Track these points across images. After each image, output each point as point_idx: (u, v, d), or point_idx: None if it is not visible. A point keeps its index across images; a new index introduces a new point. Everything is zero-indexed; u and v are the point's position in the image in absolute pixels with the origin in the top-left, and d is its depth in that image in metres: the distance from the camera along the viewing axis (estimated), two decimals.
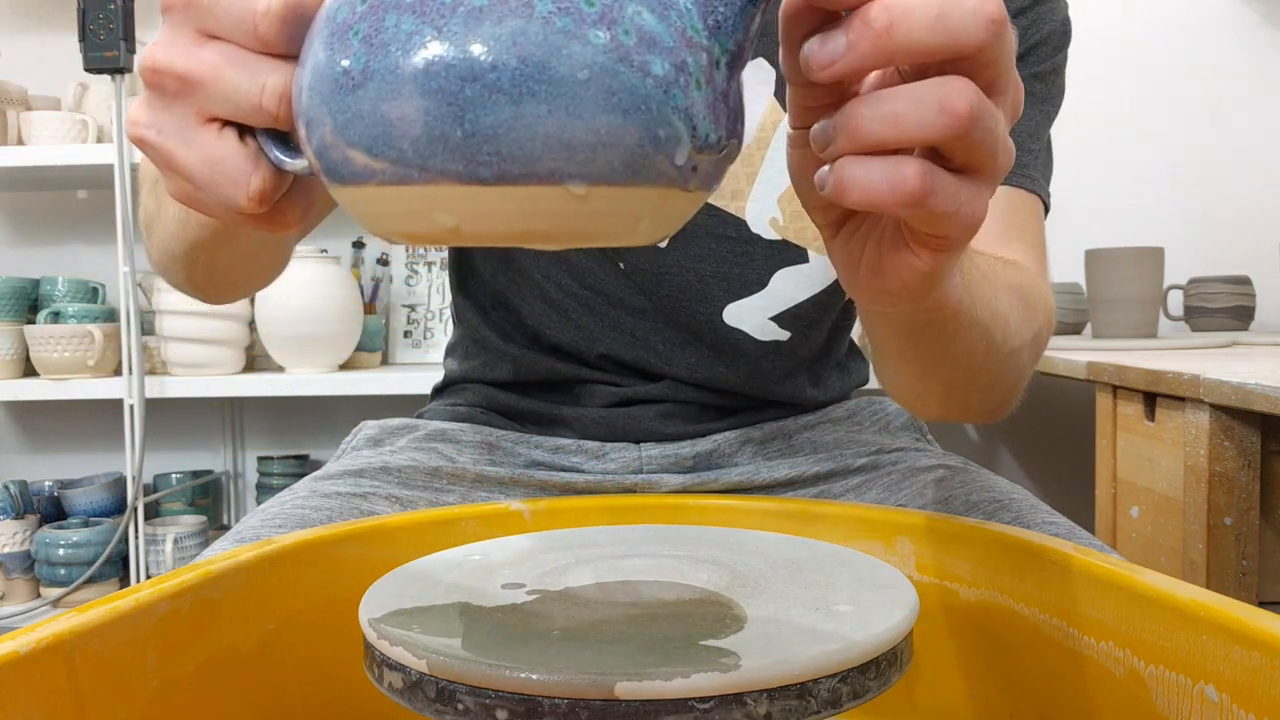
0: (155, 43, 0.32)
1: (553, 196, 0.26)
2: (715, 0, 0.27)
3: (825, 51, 0.29)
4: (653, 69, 0.26)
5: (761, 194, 0.67)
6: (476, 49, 0.25)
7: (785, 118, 0.68)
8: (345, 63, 0.26)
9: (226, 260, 0.56)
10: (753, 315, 0.70)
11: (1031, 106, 0.66)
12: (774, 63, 0.67)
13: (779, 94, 0.67)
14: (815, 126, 0.31)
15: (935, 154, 0.30)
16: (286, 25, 0.30)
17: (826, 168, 0.31)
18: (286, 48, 0.30)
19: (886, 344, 0.50)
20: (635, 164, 0.26)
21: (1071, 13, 0.70)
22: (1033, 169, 0.66)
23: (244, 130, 0.32)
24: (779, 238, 0.68)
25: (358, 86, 0.26)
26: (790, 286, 0.69)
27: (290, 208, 0.33)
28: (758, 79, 0.67)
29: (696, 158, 0.27)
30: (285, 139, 0.31)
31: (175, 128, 0.32)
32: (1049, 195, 0.68)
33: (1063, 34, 0.68)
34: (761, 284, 0.69)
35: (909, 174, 0.29)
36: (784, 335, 0.71)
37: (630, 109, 0.26)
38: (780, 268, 0.69)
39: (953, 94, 0.28)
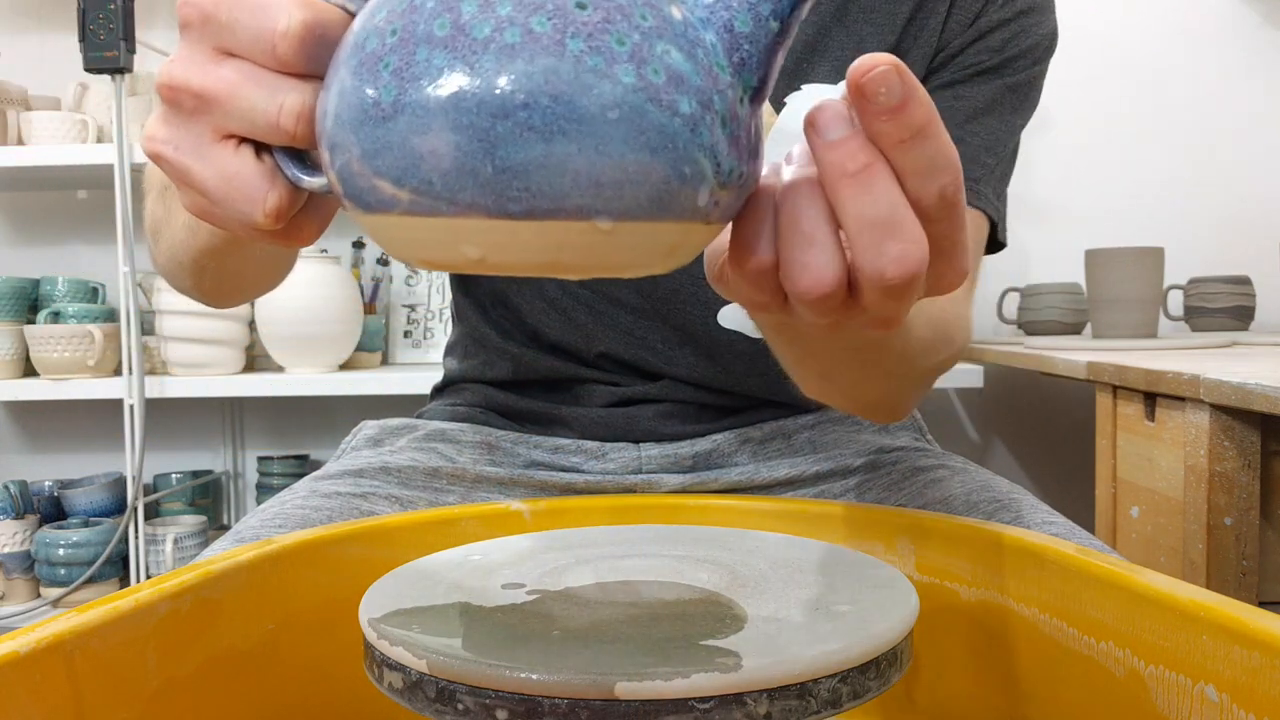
0: (172, 59, 0.32)
1: (579, 231, 0.27)
2: (740, 39, 0.28)
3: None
4: (680, 108, 0.26)
5: None
6: (509, 86, 0.25)
7: (779, 120, 0.68)
8: (374, 94, 0.27)
9: (235, 268, 0.56)
10: (747, 316, 0.70)
11: (997, 119, 0.66)
12: None
13: (772, 98, 0.67)
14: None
15: None
16: (305, 46, 0.30)
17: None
18: (305, 67, 0.30)
19: (784, 354, 0.50)
20: (661, 200, 0.27)
21: (1071, 13, 0.70)
22: (983, 184, 0.65)
23: (261, 148, 0.32)
24: None
25: (387, 119, 0.26)
26: None
27: (307, 223, 0.33)
28: None
29: (719, 193, 0.28)
30: (302, 156, 0.32)
31: (192, 144, 0.32)
32: (999, 209, 0.68)
33: (1046, 48, 0.68)
34: None
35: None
36: None
37: (658, 147, 0.26)
38: None
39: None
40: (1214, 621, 0.34)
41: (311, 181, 0.31)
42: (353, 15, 0.30)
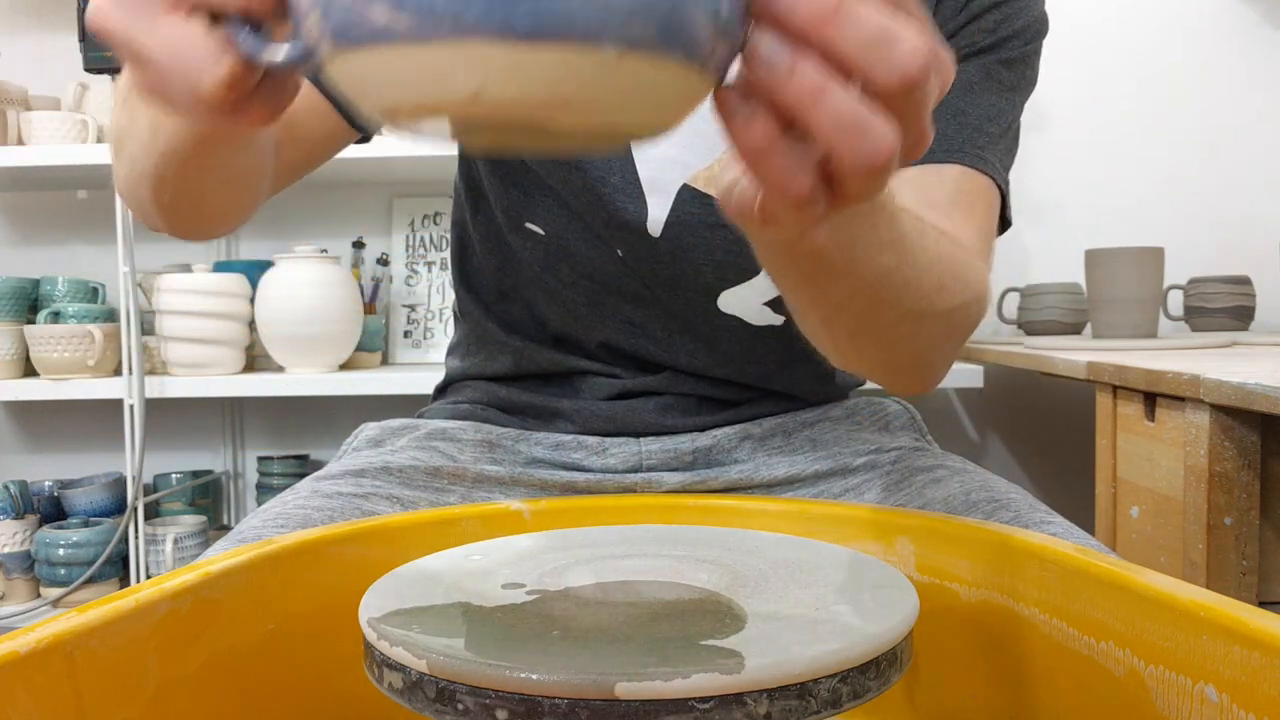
0: None
1: (584, 60, 0.26)
2: None
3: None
4: None
5: None
6: None
7: None
8: None
9: (196, 178, 0.54)
10: (746, 301, 0.71)
11: (996, 94, 0.67)
12: None
13: None
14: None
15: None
16: None
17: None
18: None
19: (781, 281, 0.50)
20: (669, 32, 0.27)
21: (1072, 13, 0.71)
22: (988, 151, 0.66)
23: (215, 19, 0.30)
24: None
25: None
26: None
27: (259, 102, 0.32)
28: None
29: (717, 40, 0.28)
30: (259, 29, 0.31)
31: (140, 12, 0.31)
32: (1006, 182, 0.68)
33: (1037, 29, 0.69)
34: (754, 270, 0.70)
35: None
36: (778, 320, 0.72)
37: None
38: None
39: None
40: (1214, 621, 0.34)
41: (270, 53, 0.30)
42: None
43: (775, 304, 0.71)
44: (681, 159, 0.67)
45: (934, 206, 0.62)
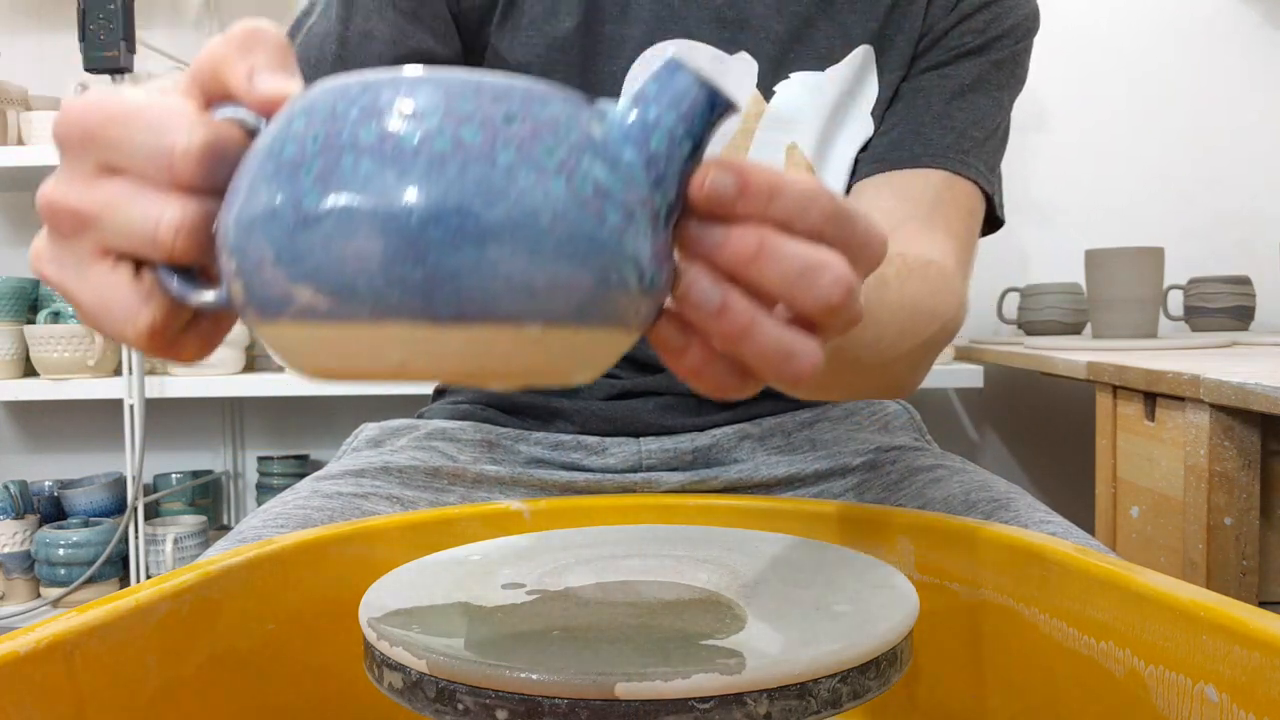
0: (52, 177, 0.32)
1: (507, 337, 0.27)
2: (656, 157, 0.29)
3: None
4: (609, 218, 0.27)
5: None
6: (442, 193, 0.25)
7: (767, 109, 0.69)
8: (294, 199, 0.26)
9: None
10: None
11: (984, 95, 0.68)
12: (756, 55, 0.68)
13: (761, 86, 0.68)
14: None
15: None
16: (204, 163, 0.29)
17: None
18: (200, 184, 0.30)
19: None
20: (589, 307, 0.27)
21: (1071, 12, 0.71)
22: (973, 156, 0.66)
23: (142, 264, 0.31)
24: None
25: (309, 223, 0.26)
26: None
27: (190, 340, 0.32)
28: (742, 70, 0.69)
29: (640, 301, 0.29)
30: (190, 273, 0.31)
31: (71, 262, 0.31)
32: (993, 183, 0.68)
33: (1028, 26, 0.69)
34: None
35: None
36: None
37: (588, 254, 0.27)
38: None
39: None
40: (1214, 621, 0.34)
41: (198, 297, 0.31)
42: (251, 131, 0.30)
43: None
44: None
45: (916, 211, 0.63)
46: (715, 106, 0.29)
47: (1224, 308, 1.67)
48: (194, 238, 0.30)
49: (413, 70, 0.27)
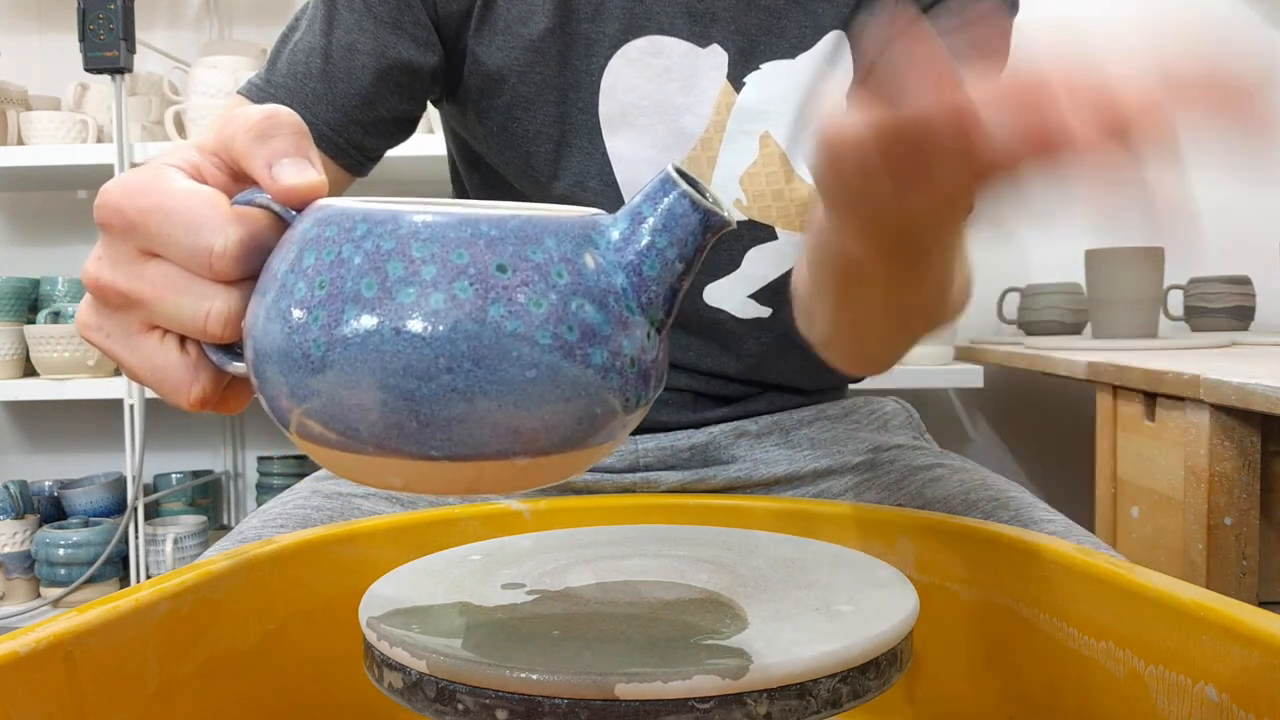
0: (95, 257, 0.34)
1: (497, 468, 0.29)
2: (649, 281, 0.30)
3: None
4: (593, 360, 0.29)
5: (723, 177, 0.69)
6: (433, 352, 0.27)
7: (738, 99, 0.68)
8: (303, 344, 0.28)
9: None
10: (731, 295, 0.71)
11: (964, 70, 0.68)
12: (726, 46, 0.68)
13: (731, 76, 0.68)
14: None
15: None
16: (240, 260, 0.31)
17: None
18: (239, 277, 0.32)
19: (825, 303, 0.50)
20: (574, 438, 0.29)
21: (1070, 11, 0.71)
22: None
23: (186, 337, 0.33)
24: (745, 218, 0.69)
25: (316, 370, 0.28)
26: (763, 264, 0.71)
27: (236, 396, 0.35)
28: (711, 64, 0.68)
29: (626, 418, 0.30)
30: (230, 345, 0.33)
31: (120, 333, 0.34)
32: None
33: (1004, 10, 0.69)
34: (735, 264, 0.70)
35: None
36: (765, 312, 0.72)
37: (572, 396, 0.28)
38: (751, 247, 0.70)
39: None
40: (1214, 621, 0.34)
41: (238, 367, 0.33)
42: (279, 215, 0.32)
43: (760, 296, 0.72)
44: (656, 158, 0.67)
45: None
46: (709, 228, 0.30)
47: (1224, 308, 1.67)
48: (236, 324, 0.32)
49: (414, 212, 0.29)
